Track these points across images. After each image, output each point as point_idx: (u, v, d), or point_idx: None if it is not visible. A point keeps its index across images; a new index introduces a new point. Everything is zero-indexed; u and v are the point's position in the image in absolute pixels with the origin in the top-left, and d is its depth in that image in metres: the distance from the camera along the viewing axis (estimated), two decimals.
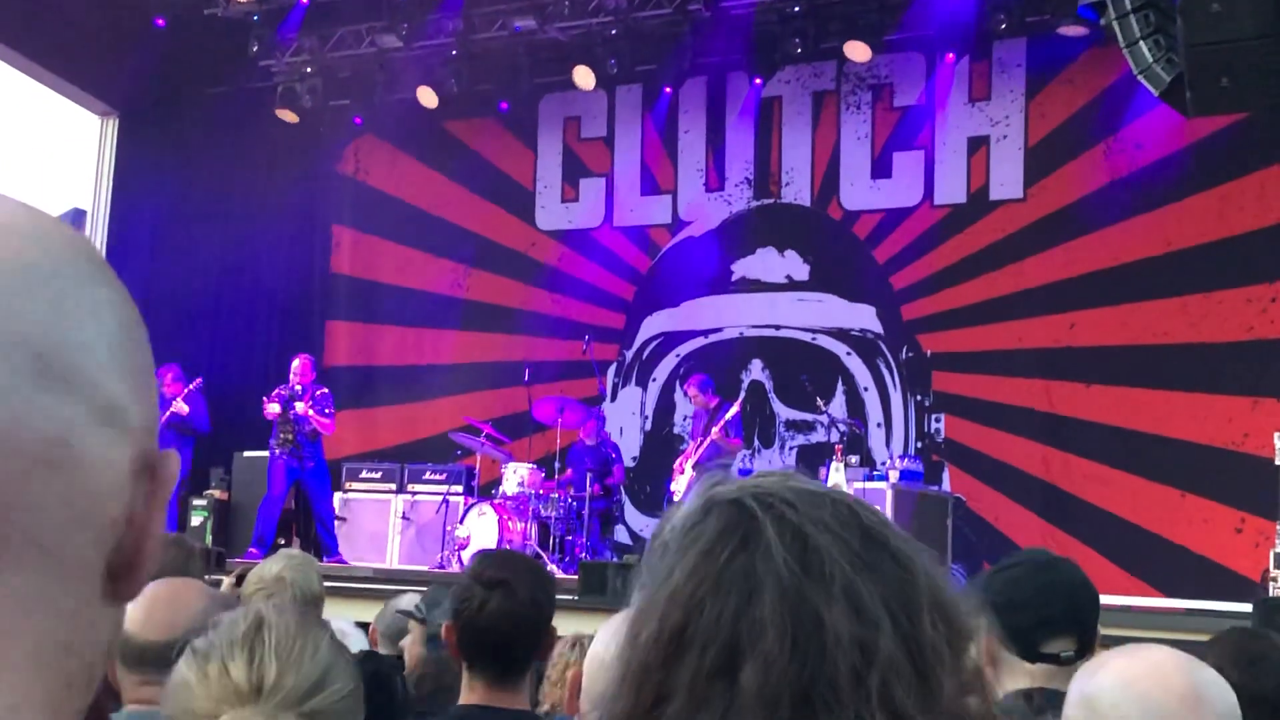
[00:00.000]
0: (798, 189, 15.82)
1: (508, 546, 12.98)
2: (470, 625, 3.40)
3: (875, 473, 12.79)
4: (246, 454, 14.80)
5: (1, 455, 0.76)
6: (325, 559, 13.07)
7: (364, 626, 5.64)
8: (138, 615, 2.94)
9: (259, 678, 1.86)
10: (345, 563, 13.40)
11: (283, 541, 13.19)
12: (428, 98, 15.97)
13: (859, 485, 12.05)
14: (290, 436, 13.67)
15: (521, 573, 3.49)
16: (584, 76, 15.40)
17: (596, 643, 2.84)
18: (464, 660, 3.45)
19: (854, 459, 13.19)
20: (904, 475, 12.52)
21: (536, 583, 3.50)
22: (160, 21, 15.30)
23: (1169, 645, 2.33)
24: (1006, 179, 14.79)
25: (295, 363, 13.92)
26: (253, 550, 13.07)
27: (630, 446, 15.78)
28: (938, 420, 14.82)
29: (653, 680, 1.20)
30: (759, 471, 1.31)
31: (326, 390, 14.02)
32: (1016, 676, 3.14)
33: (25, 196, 0.87)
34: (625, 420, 16.15)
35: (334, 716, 1.88)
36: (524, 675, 3.47)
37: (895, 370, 15.07)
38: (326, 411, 13.81)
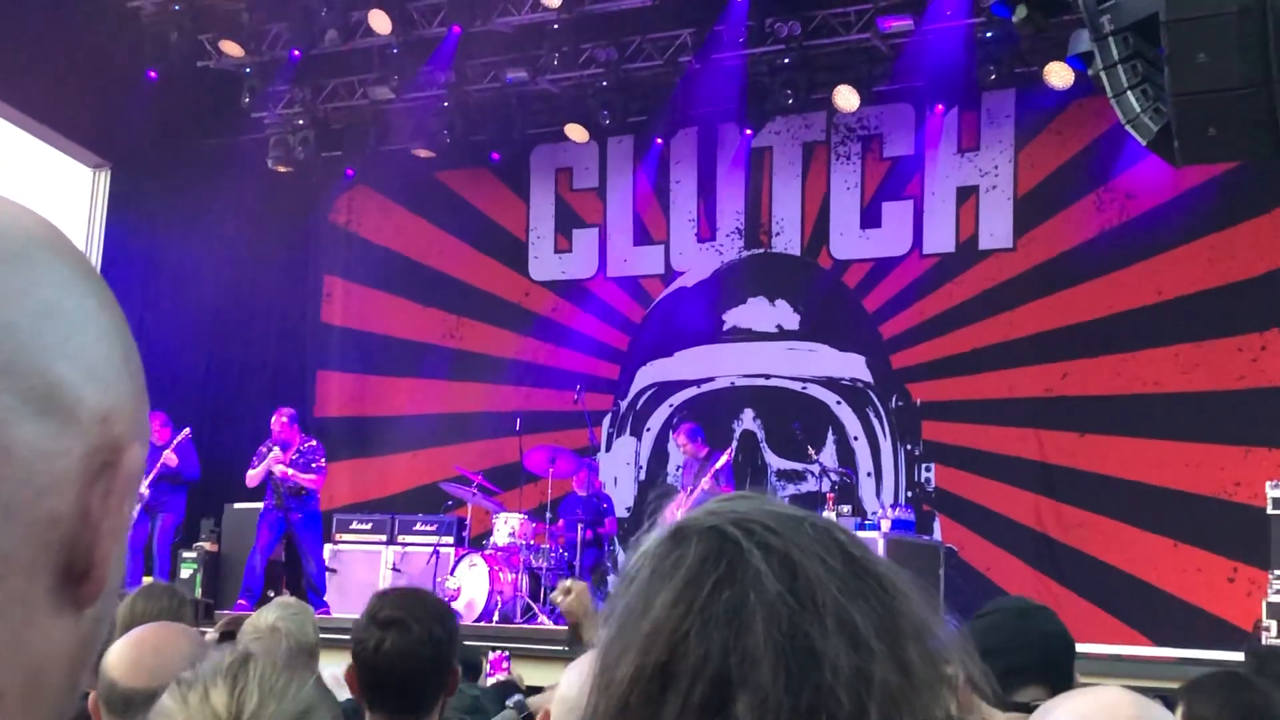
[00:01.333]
0: (788, 239, 15.86)
1: (498, 596, 12.94)
2: (367, 665, 3.37)
3: (867, 522, 12.76)
4: (237, 506, 14.76)
5: None
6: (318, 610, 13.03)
7: None
8: (125, 661, 2.90)
9: (239, 706, 1.82)
10: (329, 614, 13.33)
11: (271, 593, 13.13)
12: (420, 151, 16.08)
13: None
14: (278, 489, 13.66)
15: (418, 610, 3.44)
16: (576, 132, 15.53)
17: (564, 683, 2.80)
18: (365, 702, 3.41)
19: (846, 509, 13.18)
20: (896, 524, 12.49)
21: (434, 620, 3.46)
22: (152, 74, 15.35)
23: (1161, 694, 2.32)
24: (996, 229, 14.83)
25: (274, 418, 13.93)
26: (241, 602, 13.02)
27: (625, 497, 15.74)
28: (928, 469, 14.80)
29: (633, 718, 1.15)
30: (729, 496, 1.27)
31: (315, 442, 14.00)
32: None
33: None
34: (620, 470, 16.13)
35: None
36: (429, 715, 3.41)
37: (885, 419, 15.07)
38: (314, 465, 13.77)
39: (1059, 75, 13.29)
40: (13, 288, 0.75)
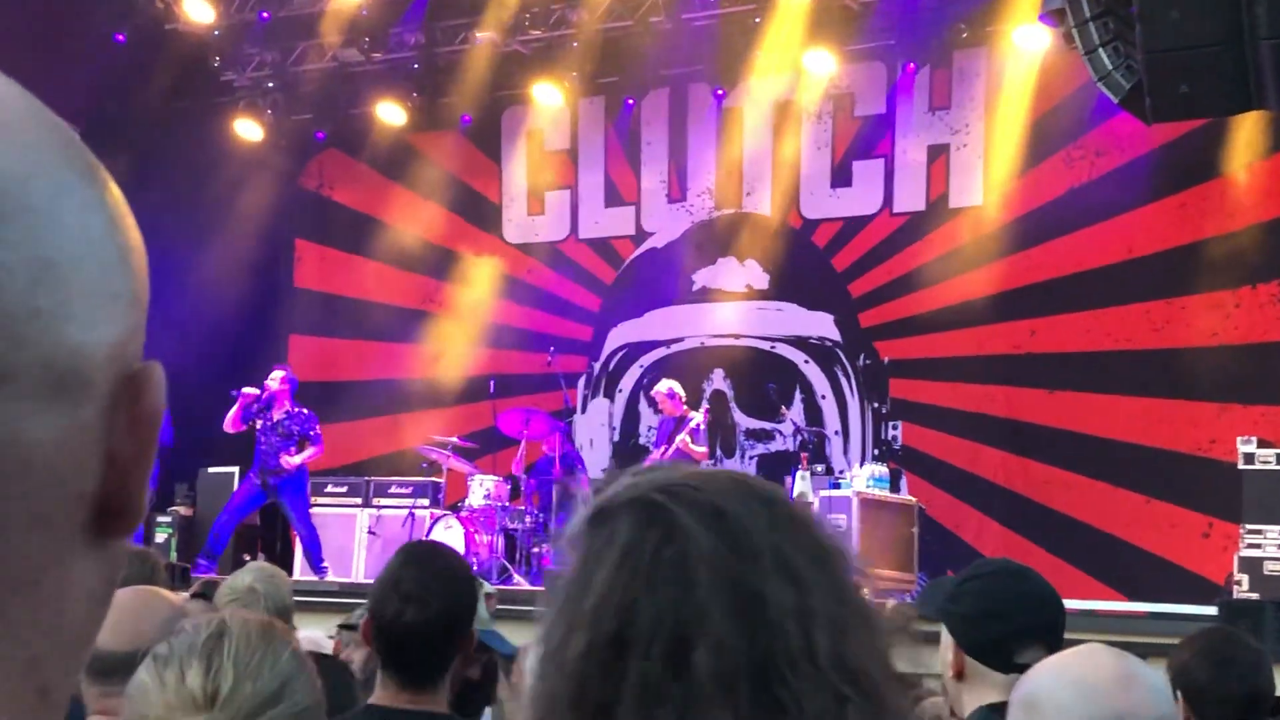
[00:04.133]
0: (758, 199, 15.84)
1: (474, 558, 12.92)
2: (384, 632, 3.41)
3: (841, 480, 12.79)
4: (211, 470, 14.73)
5: None
6: (319, 574, 13.10)
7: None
8: (104, 625, 2.89)
9: (214, 687, 1.82)
10: (325, 577, 13.28)
11: (247, 557, 13.09)
12: (391, 114, 16.00)
13: (824, 494, 12.06)
14: (265, 464, 13.43)
15: (437, 585, 3.47)
16: (547, 93, 15.48)
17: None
18: (379, 658, 3.46)
19: (819, 467, 13.22)
20: (869, 482, 12.50)
21: (454, 593, 3.48)
22: (120, 37, 15.24)
23: (1134, 649, 2.37)
24: (966, 186, 14.84)
25: (272, 375, 13.76)
26: (201, 563, 12.97)
27: (600, 458, 15.76)
28: (894, 427, 14.85)
29: (591, 693, 1.18)
30: (637, 469, 1.31)
31: (308, 411, 13.81)
32: (986, 690, 3.12)
33: None
34: (595, 432, 16.15)
35: None
36: (441, 678, 3.46)
37: (853, 378, 15.11)
38: (312, 433, 13.59)
39: (1030, 33, 13.30)
40: (20, 253, 0.64)
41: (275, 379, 13.64)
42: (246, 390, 13.52)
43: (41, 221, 0.65)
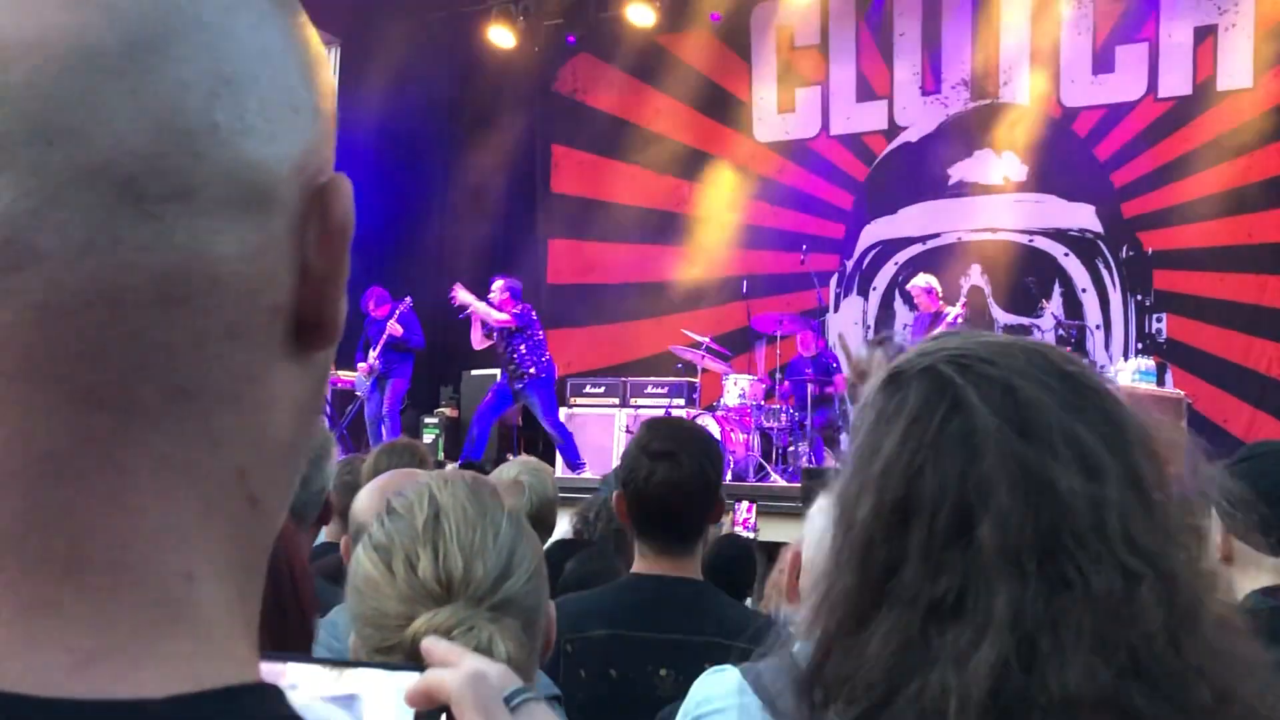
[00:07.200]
0: (1015, 88, 15.47)
1: (731, 456, 13.03)
2: (637, 496, 3.43)
3: (1105, 374, 12.48)
4: (474, 372, 15.12)
5: (97, 319, 0.63)
6: (575, 470, 13.30)
7: None
8: (372, 505, 3.02)
9: (446, 575, 1.80)
10: (580, 471, 13.51)
11: (510, 456, 13.40)
12: (640, 15, 16.03)
13: None
14: (510, 368, 13.59)
15: (687, 443, 3.48)
16: None
17: (814, 522, 2.81)
18: (634, 529, 3.49)
19: (1084, 362, 12.91)
20: (1135, 375, 12.18)
21: (703, 452, 3.49)
22: None
23: None
24: (1235, 68, 14.23)
25: (496, 283, 13.75)
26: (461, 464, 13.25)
27: None
28: (1159, 320, 14.44)
29: (878, 554, 1.22)
30: (937, 334, 1.33)
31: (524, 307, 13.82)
32: (1256, 574, 3.05)
33: None
34: (848, 330, 16.04)
35: (525, 599, 1.84)
36: (695, 543, 3.48)
37: (1115, 270, 14.72)
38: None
39: None
40: (175, 73, 0.65)
41: (496, 289, 13.60)
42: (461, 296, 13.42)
43: (215, 37, 0.66)
